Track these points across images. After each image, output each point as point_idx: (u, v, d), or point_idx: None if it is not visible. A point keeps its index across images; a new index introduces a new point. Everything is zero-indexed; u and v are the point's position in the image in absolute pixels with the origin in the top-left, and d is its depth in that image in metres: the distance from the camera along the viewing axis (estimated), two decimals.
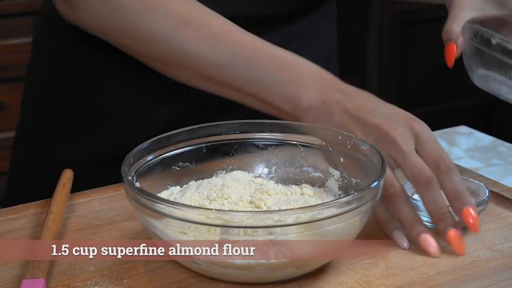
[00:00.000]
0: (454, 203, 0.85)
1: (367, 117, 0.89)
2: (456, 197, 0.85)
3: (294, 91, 0.92)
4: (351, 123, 0.90)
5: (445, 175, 0.85)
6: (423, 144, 0.87)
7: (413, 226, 0.86)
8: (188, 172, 0.92)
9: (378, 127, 0.88)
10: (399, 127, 0.88)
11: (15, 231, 0.91)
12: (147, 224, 0.80)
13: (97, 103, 1.07)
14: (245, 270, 0.77)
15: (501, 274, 0.82)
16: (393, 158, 0.87)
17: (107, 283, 0.80)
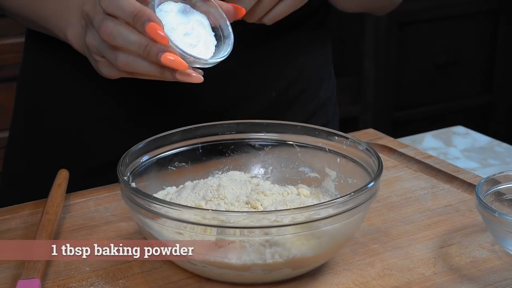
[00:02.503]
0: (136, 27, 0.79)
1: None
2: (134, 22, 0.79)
3: (65, 22, 0.92)
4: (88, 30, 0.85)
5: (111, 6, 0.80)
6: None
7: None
8: (184, 172, 0.92)
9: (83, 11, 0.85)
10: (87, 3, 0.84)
11: (10, 231, 0.90)
12: (143, 225, 0.79)
13: (90, 108, 1.07)
14: (241, 270, 0.77)
15: (497, 274, 0.82)
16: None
17: (102, 283, 0.79)
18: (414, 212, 0.94)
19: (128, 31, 0.79)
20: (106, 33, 0.79)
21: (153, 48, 0.78)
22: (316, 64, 1.15)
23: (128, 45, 0.79)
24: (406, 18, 2.65)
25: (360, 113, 2.79)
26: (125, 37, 0.79)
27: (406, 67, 2.81)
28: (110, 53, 0.81)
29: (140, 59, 0.80)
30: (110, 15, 0.80)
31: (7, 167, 1.16)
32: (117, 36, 0.79)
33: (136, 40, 0.79)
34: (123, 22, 0.79)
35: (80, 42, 0.90)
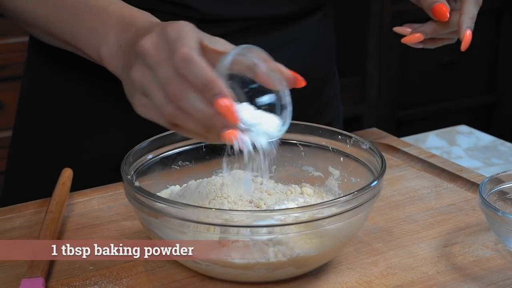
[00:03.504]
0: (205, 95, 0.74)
1: (135, 40, 0.79)
2: (205, 88, 0.73)
3: (98, 39, 0.87)
4: (133, 59, 0.79)
5: (182, 68, 0.74)
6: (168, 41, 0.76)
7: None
8: (187, 171, 0.92)
9: (135, 44, 0.78)
10: (149, 35, 0.77)
11: (14, 230, 0.90)
12: (147, 224, 0.79)
13: (95, 106, 1.07)
14: (244, 269, 0.77)
15: (500, 273, 0.82)
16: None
17: (106, 282, 0.80)
18: (417, 211, 0.94)
19: (196, 97, 0.73)
20: (173, 93, 0.74)
21: (218, 123, 0.74)
22: (320, 63, 1.15)
23: (192, 111, 0.74)
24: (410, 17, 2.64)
25: (364, 112, 2.79)
26: (192, 102, 0.73)
27: (410, 66, 2.81)
28: (162, 99, 0.75)
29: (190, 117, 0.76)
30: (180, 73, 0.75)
31: (11, 166, 1.17)
32: (183, 99, 0.73)
33: (202, 109, 0.73)
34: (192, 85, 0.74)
35: (115, 62, 0.85)
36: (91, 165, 1.07)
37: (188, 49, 0.73)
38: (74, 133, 1.08)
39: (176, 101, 0.74)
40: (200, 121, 0.74)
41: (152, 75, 0.75)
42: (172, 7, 1.00)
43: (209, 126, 0.74)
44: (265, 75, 0.78)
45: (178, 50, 0.73)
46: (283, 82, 0.78)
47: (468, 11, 0.94)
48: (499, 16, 2.93)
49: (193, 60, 0.73)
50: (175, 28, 0.75)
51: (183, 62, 0.73)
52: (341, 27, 2.63)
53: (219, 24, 1.02)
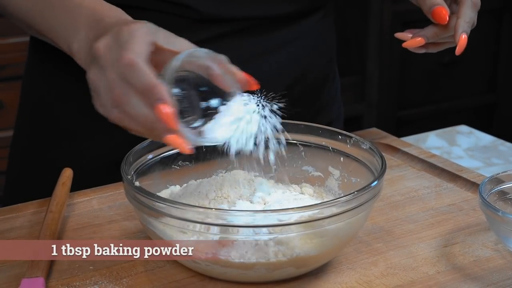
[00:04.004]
0: (147, 100, 0.76)
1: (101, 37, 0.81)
2: (146, 93, 0.75)
3: (70, 33, 0.88)
4: (91, 59, 0.81)
5: (127, 74, 0.76)
6: (119, 45, 0.77)
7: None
8: (188, 171, 0.92)
9: (92, 45, 0.81)
10: (105, 37, 0.79)
11: (15, 230, 0.90)
12: (147, 224, 0.79)
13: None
14: (244, 269, 0.77)
15: (501, 273, 0.82)
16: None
17: (106, 282, 0.80)
18: (417, 211, 0.94)
19: (138, 102, 0.76)
20: (116, 97, 0.76)
21: (159, 127, 0.76)
22: (320, 63, 1.15)
23: (135, 115, 0.76)
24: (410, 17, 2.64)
25: (364, 112, 2.79)
26: (134, 107, 0.76)
27: (410, 66, 2.81)
28: (109, 102, 0.78)
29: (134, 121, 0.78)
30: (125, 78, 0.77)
31: (11, 166, 1.17)
32: (126, 104, 0.76)
33: (144, 113, 0.76)
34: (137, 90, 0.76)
35: (83, 58, 0.86)
36: (91, 165, 1.07)
37: (133, 55, 0.75)
38: (74, 133, 1.08)
39: (119, 105, 0.76)
40: (142, 124, 0.76)
41: (103, 78, 0.78)
42: (171, 7, 1.00)
43: (152, 129, 0.76)
44: (218, 76, 0.79)
45: (123, 55, 0.75)
46: (237, 85, 0.80)
47: (464, 15, 0.94)
48: (499, 16, 2.93)
49: (136, 65, 0.75)
50: (128, 31, 0.77)
51: (126, 67, 0.75)
52: (341, 27, 2.63)
53: (218, 24, 1.02)
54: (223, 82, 0.80)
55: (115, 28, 0.79)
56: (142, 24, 0.78)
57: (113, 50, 0.77)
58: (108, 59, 0.77)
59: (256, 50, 1.06)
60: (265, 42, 1.06)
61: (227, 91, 0.80)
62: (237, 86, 0.80)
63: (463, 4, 0.95)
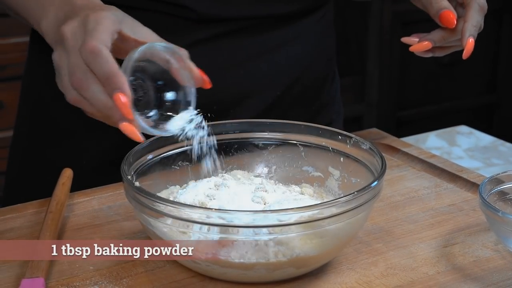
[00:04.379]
0: (106, 89, 0.79)
1: (66, 20, 0.83)
2: (107, 81, 0.78)
3: (40, 12, 0.89)
4: (57, 41, 0.83)
5: (89, 60, 0.78)
6: (85, 31, 0.80)
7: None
8: (188, 171, 0.92)
9: (59, 27, 0.83)
10: (72, 21, 0.81)
11: (14, 231, 0.90)
12: (147, 224, 0.79)
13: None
14: (244, 269, 0.77)
15: (501, 274, 0.82)
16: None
17: (106, 282, 0.80)
18: (417, 211, 0.94)
19: (98, 88, 0.79)
20: (77, 82, 0.79)
21: (116, 115, 0.79)
22: (320, 63, 1.15)
23: (93, 101, 0.79)
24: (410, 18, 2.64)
25: (364, 112, 2.79)
26: (93, 93, 0.79)
27: (410, 66, 2.81)
28: (67, 84, 0.80)
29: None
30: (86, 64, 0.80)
31: (11, 166, 1.17)
32: (85, 89, 0.79)
33: (102, 100, 0.79)
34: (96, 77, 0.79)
35: (51, 37, 0.87)
36: (91, 164, 1.07)
37: (96, 42, 0.77)
38: (74, 132, 1.08)
39: (78, 89, 0.79)
40: (99, 109, 0.79)
41: (65, 59, 0.80)
42: (168, 7, 1.00)
43: (108, 116, 0.80)
44: (176, 70, 0.83)
45: (88, 42, 0.78)
46: (191, 81, 0.83)
47: (471, 18, 0.94)
48: (499, 17, 2.93)
49: (99, 53, 0.77)
50: (95, 18, 0.80)
51: (90, 54, 0.77)
52: (341, 27, 2.63)
53: (216, 24, 1.02)
54: (179, 76, 0.83)
55: (82, 13, 0.81)
56: (109, 12, 0.81)
57: (78, 35, 0.80)
58: (73, 44, 0.80)
59: (254, 50, 1.06)
60: (263, 42, 1.06)
61: (182, 85, 0.84)
62: (192, 82, 0.83)
63: (470, 8, 0.95)
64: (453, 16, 0.94)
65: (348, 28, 2.74)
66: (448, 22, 0.95)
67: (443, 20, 0.95)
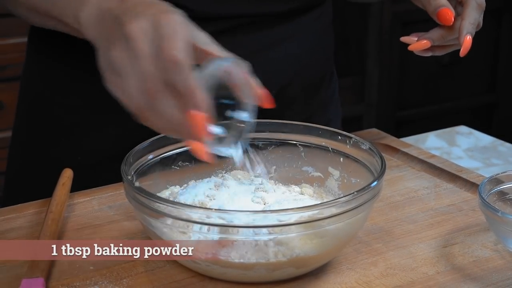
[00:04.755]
0: (182, 104, 0.73)
1: (121, 17, 0.76)
2: (185, 96, 0.72)
3: (76, 4, 0.83)
4: (113, 27, 0.77)
5: (169, 71, 0.72)
6: (160, 36, 0.73)
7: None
8: (188, 171, 0.92)
9: (122, 25, 0.75)
10: (140, 20, 0.75)
11: (15, 231, 0.90)
12: (147, 224, 0.80)
13: (93, 104, 1.07)
14: (244, 269, 0.77)
15: (500, 274, 0.82)
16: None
17: (106, 282, 0.80)
18: (417, 211, 0.94)
19: (172, 102, 0.73)
20: (151, 90, 0.73)
21: (186, 132, 0.74)
22: (318, 62, 1.15)
23: (164, 114, 0.73)
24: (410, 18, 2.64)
25: (364, 112, 2.79)
26: (166, 106, 0.73)
27: (410, 66, 2.81)
28: (135, 89, 0.74)
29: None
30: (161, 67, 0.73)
31: (10, 167, 1.17)
32: (158, 100, 0.73)
33: (175, 115, 0.73)
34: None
35: (93, 28, 0.81)
36: (91, 163, 1.08)
37: (177, 52, 0.72)
38: (72, 130, 1.08)
39: (151, 99, 0.73)
40: (167, 123, 0.74)
41: (132, 62, 0.74)
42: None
43: (176, 131, 0.74)
44: (238, 85, 0.78)
45: (168, 51, 0.72)
46: (252, 98, 0.79)
47: (469, 16, 0.94)
48: (499, 17, 2.93)
49: (181, 65, 0.72)
50: (169, 23, 0.74)
51: (170, 65, 0.72)
52: (341, 27, 2.63)
53: (212, 22, 1.01)
54: (241, 91, 0.78)
55: (150, 13, 0.75)
56: (181, 17, 0.75)
57: (151, 39, 0.73)
58: (146, 48, 0.73)
59: (252, 47, 1.05)
60: (261, 39, 1.06)
61: (241, 101, 0.79)
62: (252, 99, 0.79)
63: (467, 5, 0.95)
64: (451, 13, 0.95)
65: (348, 28, 2.74)
66: (446, 20, 0.95)
67: (440, 17, 0.95)
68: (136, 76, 0.73)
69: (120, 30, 0.75)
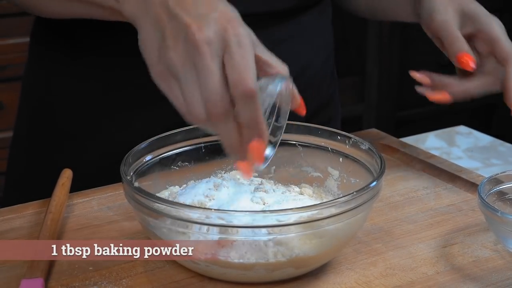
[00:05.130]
0: (245, 132, 0.73)
1: (181, 13, 0.74)
2: (250, 127, 0.73)
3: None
4: (165, 18, 0.75)
5: (240, 102, 0.71)
6: (230, 55, 0.72)
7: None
8: (187, 172, 0.92)
9: (187, 27, 0.73)
10: (208, 29, 0.72)
11: (14, 231, 0.90)
12: (146, 224, 0.80)
13: (95, 106, 1.07)
14: (244, 270, 0.77)
15: (500, 274, 0.82)
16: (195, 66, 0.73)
17: (106, 283, 0.80)
18: (416, 211, 0.94)
19: (234, 126, 0.73)
20: (216, 113, 0.71)
21: (242, 155, 0.75)
22: (317, 61, 1.15)
23: (225, 136, 0.74)
24: None
25: (363, 112, 2.79)
26: (229, 130, 0.73)
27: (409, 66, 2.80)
28: (196, 100, 0.72)
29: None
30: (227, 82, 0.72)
31: (11, 167, 1.17)
32: (221, 123, 0.73)
33: (235, 139, 0.73)
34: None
35: (135, 4, 0.77)
36: (92, 165, 1.08)
37: (251, 84, 0.71)
38: (74, 133, 1.09)
39: (213, 118, 0.72)
40: (226, 140, 0.74)
41: (195, 73, 0.72)
42: None
43: (232, 151, 0.75)
44: (288, 96, 0.79)
45: (243, 82, 0.71)
46: (291, 105, 0.80)
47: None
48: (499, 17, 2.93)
49: (254, 99, 0.71)
50: (236, 37, 0.72)
51: (244, 97, 0.71)
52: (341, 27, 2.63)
53: None
54: (281, 98, 0.79)
55: (216, 23, 0.73)
56: (245, 29, 0.75)
57: (219, 55, 0.72)
58: (214, 66, 0.71)
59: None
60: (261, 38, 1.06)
61: (279, 107, 0.80)
62: (290, 106, 0.80)
63: (509, 64, 0.93)
64: (471, 59, 0.93)
65: (348, 28, 2.74)
66: (467, 66, 0.93)
67: (462, 63, 0.93)
68: (200, 89, 0.72)
69: (180, 29, 0.73)
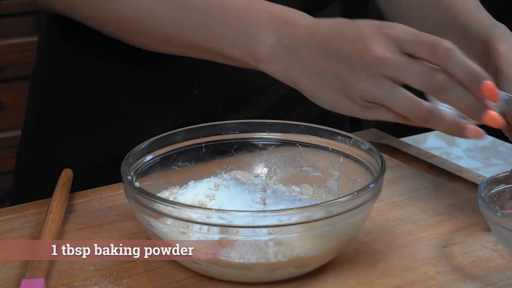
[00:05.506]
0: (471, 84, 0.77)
1: (336, 48, 0.79)
2: (469, 75, 0.76)
3: (250, 39, 0.83)
4: (327, 61, 0.79)
5: (445, 59, 0.76)
6: (409, 44, 0.77)
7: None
8: (187, 171, 0.92)
9: (355, 53, 0.78)
10: (375, 44, 0.77)
11: (15, 231, 0.90)
12: (147, 224, 0.80)
13: (102, 105, 1.07)
14: (244, 269, 0.77)
15: (500, 273, 0.82)
16: (391, 78, 0.79)
17: (106, 282, 0.80)
18: (417, 211, 0.94)
19: (462, 88, 0.76)
20: (437, 85, 0.76)
21: (481, 107, 0.77)
22: None
23: (458, 101, 0.77)
24: None
25: None
26: (459, 93, 0.76)
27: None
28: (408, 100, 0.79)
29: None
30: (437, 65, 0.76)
31: (19, 165, 1.17)
32: (449, 91, 0.76)
33: (469, 99, 0.76)
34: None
35: (279, 63, 0.82)
36: (97, 165, 1.08)
37: (446, 41, 0.76)
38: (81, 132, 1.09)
39: (439, 93, 0.77)
40: (464, 109, 0.77)
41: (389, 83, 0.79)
42: None
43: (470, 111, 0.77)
44: None
45: (439, 43, 0.75)
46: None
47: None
48: (499, 17, 2.93)
49: (456, 51, 0.75)
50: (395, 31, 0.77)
51: (446, 52, 0.75)
52: None
53: None
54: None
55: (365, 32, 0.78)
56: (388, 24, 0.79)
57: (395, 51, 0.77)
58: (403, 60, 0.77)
59: None
60: None
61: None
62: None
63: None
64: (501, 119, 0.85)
65: None
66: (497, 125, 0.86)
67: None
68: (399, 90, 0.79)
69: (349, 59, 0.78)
